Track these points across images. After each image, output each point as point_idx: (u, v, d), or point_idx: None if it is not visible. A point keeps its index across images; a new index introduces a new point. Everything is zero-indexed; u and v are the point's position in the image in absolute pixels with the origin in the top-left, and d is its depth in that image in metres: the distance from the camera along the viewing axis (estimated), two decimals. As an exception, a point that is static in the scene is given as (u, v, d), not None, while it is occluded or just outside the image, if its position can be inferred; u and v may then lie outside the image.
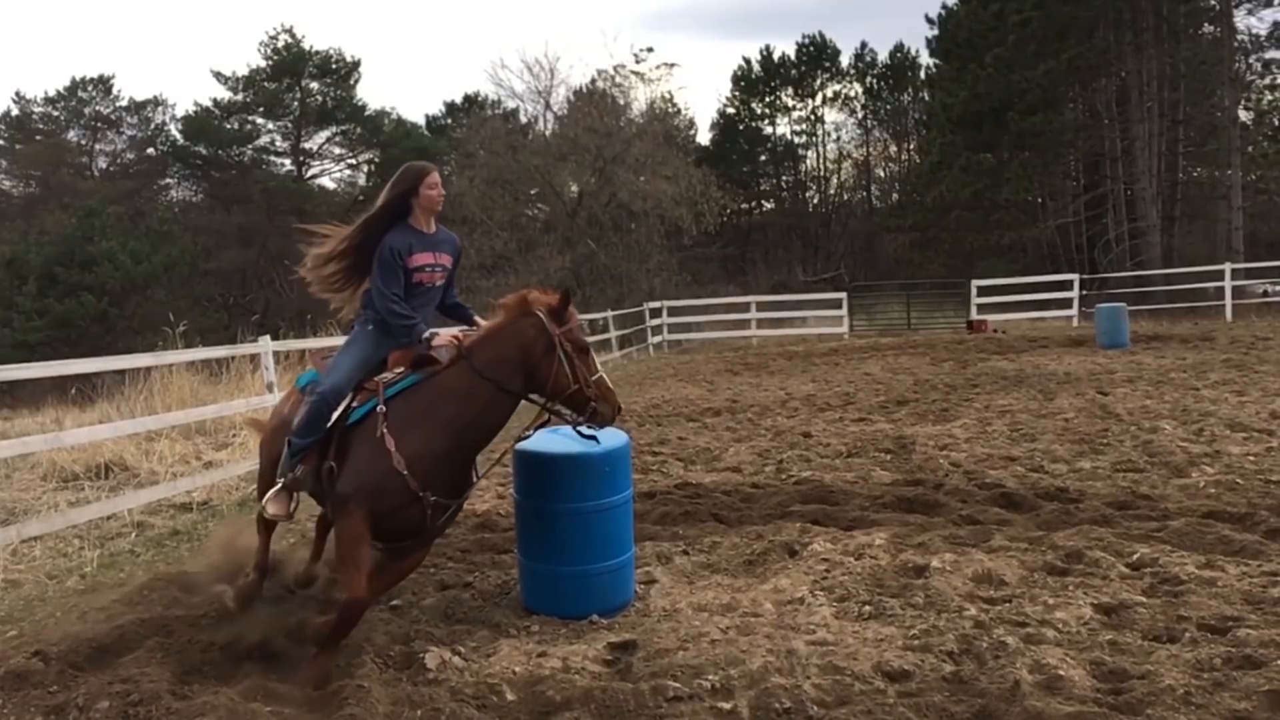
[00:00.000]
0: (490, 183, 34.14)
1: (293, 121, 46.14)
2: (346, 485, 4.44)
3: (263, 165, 46.74)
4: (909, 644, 4.43)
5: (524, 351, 4.53)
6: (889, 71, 53.13)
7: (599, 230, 34.08)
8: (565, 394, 4.56)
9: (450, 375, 4.55)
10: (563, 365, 4.52)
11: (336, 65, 46.11)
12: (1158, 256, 32.85)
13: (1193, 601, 4.72)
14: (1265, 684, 3.76)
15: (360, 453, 4.46)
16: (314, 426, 4.53)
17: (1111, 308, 19.46)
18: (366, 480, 4.40)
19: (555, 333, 4.54)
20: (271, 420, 5.37)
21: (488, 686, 4.19)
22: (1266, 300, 26.89)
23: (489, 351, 4.53)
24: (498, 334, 4.62)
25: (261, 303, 40.81)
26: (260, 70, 45.18)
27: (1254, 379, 12.58)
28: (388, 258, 4.59)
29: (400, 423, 4.43)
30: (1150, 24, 33.84)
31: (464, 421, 4.47)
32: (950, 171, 37.47)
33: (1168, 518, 6.25)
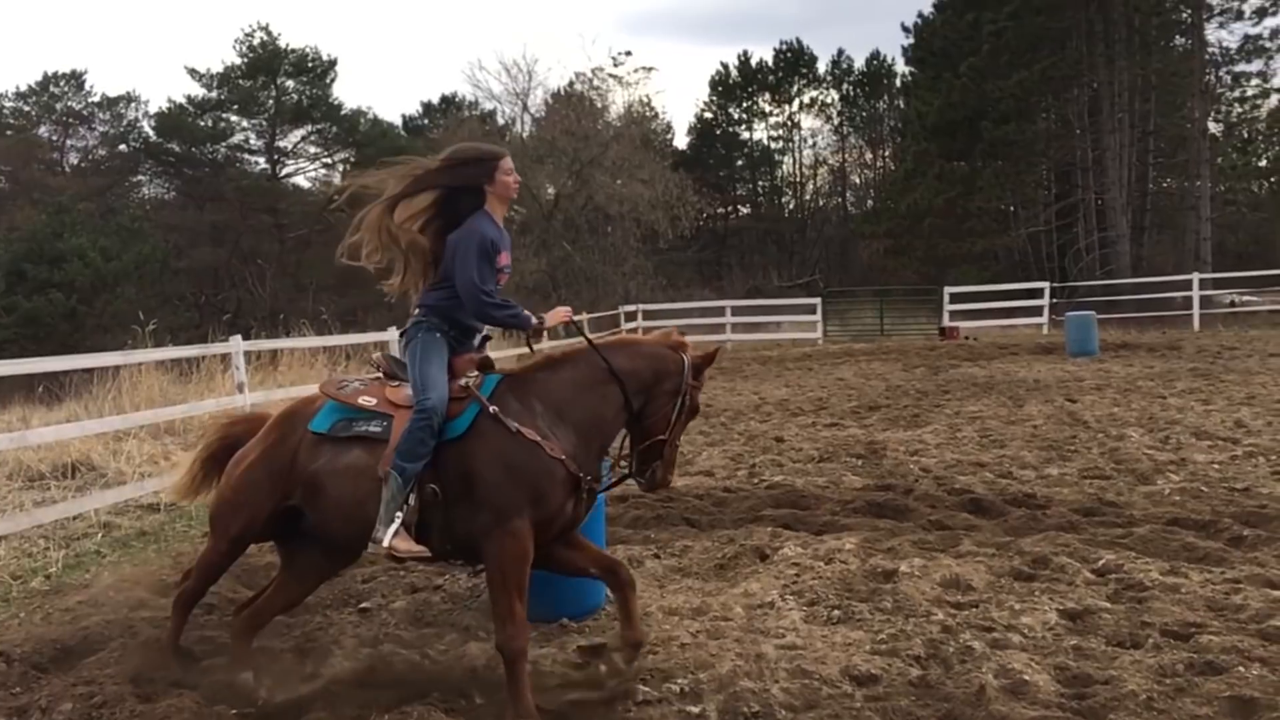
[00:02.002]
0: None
1: (267, 119, 45.80)
2: (504, 496, 3.94)
3: (236, 163, 46.39)
4: (877, 648, 4.46)
5: (656, 377, 4.29)
6: (865, 79, 53.53)
7: (575, 233, 34.09)
8: (650, 439, 4.32)
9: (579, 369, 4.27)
10: (672, 410, 4.30)
11: (313, 64, 45.83)
12: (1127, 266, 33.21)
13: (1156, 608, 4.77)
14: (1226, 690, 3.81)
15: (501, 455, 3.98)
16: (424, 446, 3.95)
17: (1081, 316, 19.68)
18: (529, 478, 3.97)
19: (689, 381, 4.36)
20: (241, 470, 4.36)
21: (457, 690, 4.18)
22: (1233, 310, 27.26)
23: (623, 358, 4.29)
24: (636, 347, 4.43)
25: (233, 302, 40.50)
26: (235, 67, 44.85)
27: (1220, 388, 12.76)
28: (489, 250, 4.13)
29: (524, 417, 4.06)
30: (1122, 36, 34.25)
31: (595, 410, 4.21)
32: (924, 179, 37.82)
33: (1133, 524, 6.33)
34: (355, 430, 4.13)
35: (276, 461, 4.24)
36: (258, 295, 40.48)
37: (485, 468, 3.97)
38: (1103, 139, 34.46)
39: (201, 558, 4.52)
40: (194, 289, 41.99)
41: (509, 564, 3.92)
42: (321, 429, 4.19)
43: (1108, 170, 34.14)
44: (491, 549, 3.94)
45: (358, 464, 4.06)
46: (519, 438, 3.98)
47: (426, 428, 3.94)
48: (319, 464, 4.13)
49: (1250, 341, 19.76)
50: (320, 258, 45.51)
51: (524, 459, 3.97)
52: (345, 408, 4.20)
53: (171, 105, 44.87)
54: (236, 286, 42.44)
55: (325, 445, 4.16)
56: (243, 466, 4.33)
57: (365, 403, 4.18)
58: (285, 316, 27.74)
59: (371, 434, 4.09)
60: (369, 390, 4.25)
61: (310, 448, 4.18)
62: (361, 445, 4.09)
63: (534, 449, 3.98)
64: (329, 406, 4.24)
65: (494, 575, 3.95)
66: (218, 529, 4.40)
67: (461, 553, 4.15)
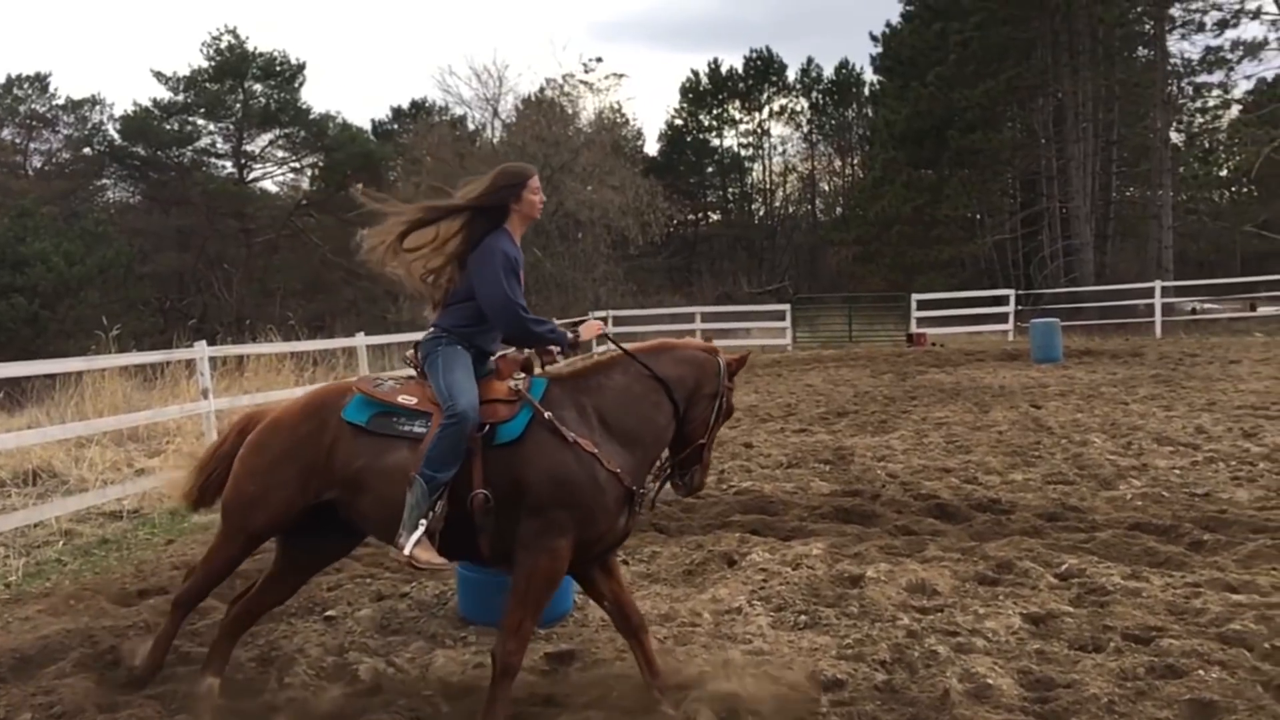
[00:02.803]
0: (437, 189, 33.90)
1: (235, 123, 45.38)
2: (553, 511, 3.82)
3: (203, 167, 45.89)
4: (843, 653, 4.49)
5: (698, 382, 4.23)
6: (834, 87, 53.90)
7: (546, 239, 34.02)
8: (690, 444, 4.25)
9: (628, 375, 4.17)
10: (710, 414, 4.26)
11: (281, 67, 45.47)
12: (1091, 273, 33.65)
13: (1118, 612, 4.83)
14: (1186, 693, 3.86)
15: (557, 467, 3.85)
16: (456, 453, 3.81)
17: (1045, 323, 19.91)
18: (583, 494, 3.84)
19: (725, 384, 4.32)
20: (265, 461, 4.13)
21: (422, 698, 4.17)
22: (1195, 318, 27.69)
23: (669, 365, 4.22)
24: (675, 352, 4.32)
25: (199, 307, 40.07)
26: (202, 71, 44.41)
27: (1181, 394, 12.94)
28: (513, 266, 4.07)
29: (580, 426, 3.96)
30: (1086, 46, 34.73)
31: (649, 419, 4.12)
32: (892, 187, 38.14)
33: (1095, 529, 6.41)
34: (399, 429, 3.98)
35: (309, 455, 4.04)
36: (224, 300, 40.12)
37: (538, 478, 3.84)
38: (1067, 148, 34.91)
39: (209, 555, 4.27)
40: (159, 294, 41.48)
41: (537, 582, 3.83)
42: (359, 420, 4.02)
43: (1072, 179, 34.59)
44: (526, 562, 3.83)
45: (404, 464, 3.88)
46: (576, 449, 3.87)
47: (458, 434, 3.81)
48: (362, 462, 3.96)
49: (1211, 348, 20.07)
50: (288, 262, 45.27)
51: (579, 473, 3.86)
52: (382, 403, 4.05)
53: (137, 108, 44.38)
54: (202, 291, 42.04)
55: (366, 441, 4.00)
56: (266, 458, 4.10)
57: (406, 401, 4.03)
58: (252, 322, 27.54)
59: (415, 434, 3.94)
60: (407, 389, 4.11)
61: (349, 442, 4.00)
62: (407, 445, 3.93)
63: (592, 462, 3.88)
64: (360, 399, 4.09)
65: (519, 587, 3.84)
66: (233, 524, 4.16)
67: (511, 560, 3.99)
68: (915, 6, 40.92)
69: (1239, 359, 17.35)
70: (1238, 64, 35.25)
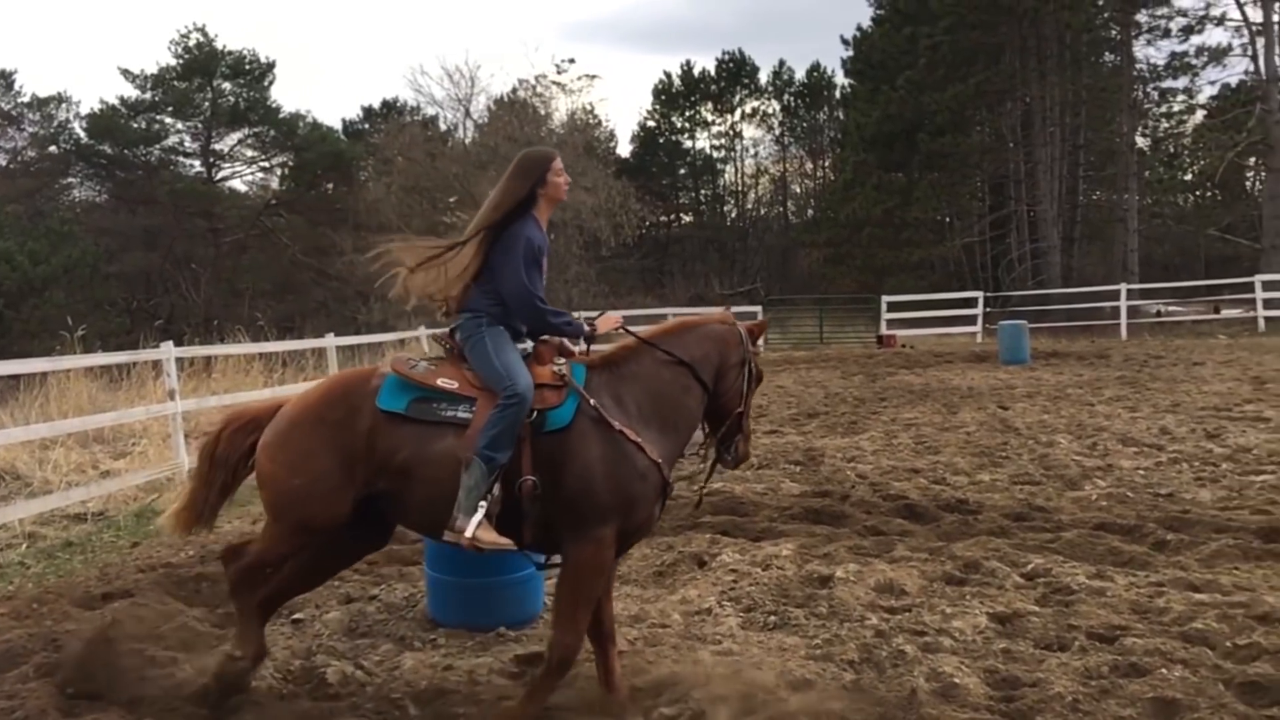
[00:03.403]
0: (408, 190, 33.78)
1: (203, 122, 44.93)
2: (599, 500, 3.78)
3: (171, 166, 45.39)
4: (811, 653, 4.51)
5: (721, 354, 4.23)
6: (806, 90, 54.13)
7: (517, 240, 33.92)
8: (730, 414, 4.25)
9: (657, 362, 4.11)
10: (742, 382, 4.27)
11: (250, 66, 45.08)
12: (1057, 276, 34.01)
13: (1083, 611, 4.88)
14: (1149, 691, 3.91)
15: (604, 457, 3.82)
16: (513, 435, 3.75)
17: (1013, 325, 20.10)
18: (628, 484, 3.82)
19: (749, 349, 4.33)
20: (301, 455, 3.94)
21: (391, 701, 4.14)
22: (1159, 320, 28.05)
23: (693, 346, 4.18)
24: (694, 330, 4.28)
25: (166, 307, 39.61)
26: (170, 69, 43.93)
27: (1146, 396, 13.11)
28: (535, 255, 4.03)
29: (624, 416, 3.92)
30: (1054, 51, 35.12)
31: (681, 404, 4.11)
32: (863, 189, 38.38)
33: (1061, 529, 6.47)
34: (442, 414, 3.87)
35: (346, 443, 3.88)
36: (191, 301, 39.69)
37: (585, 468, 3.80)
38: (1035, 152, 35.28)
39: (265, 548, 4.06)
40: (125, 294, 40.98)
41: (587, 573, 3.82)
42: (397, 407, 3.88)
43: (1039, 183, 34.96)
44: (573, 554, 3.82)
45: (451, 451, 3.79)
46: (622, 439, 3.85)
47: (517, 416, 3.75)
48: (407, 451, 3.84)
49: (1175, 350, 20.33)
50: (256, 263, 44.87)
51: (625, 463, 3.84)
52: (418, 387, 3.92)
53: (104, 106, 43.83)
54: (170, 292, 41.56)
55: (406, 428, 3.87)
56: (297, 451, 3.92)
57: (446, 385, 3.92)
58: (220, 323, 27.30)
59: (460, 420, 3.83)
60: (445, 371, 3.99)
61: (388, 431, 3.87)
62: (453, 431, 3.83)
63: (635, 452, 3.86)
64: (394, 382, 3.94)
65: (568, 580, 3.84)
66: (288, 520, 3.96)
67: (554, 547, 4.00)
68: (885, 10, 41.25)
69: (1203, 361, 17.59)
70: (1202, 70, 35.85)
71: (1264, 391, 12.79)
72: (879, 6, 41.93)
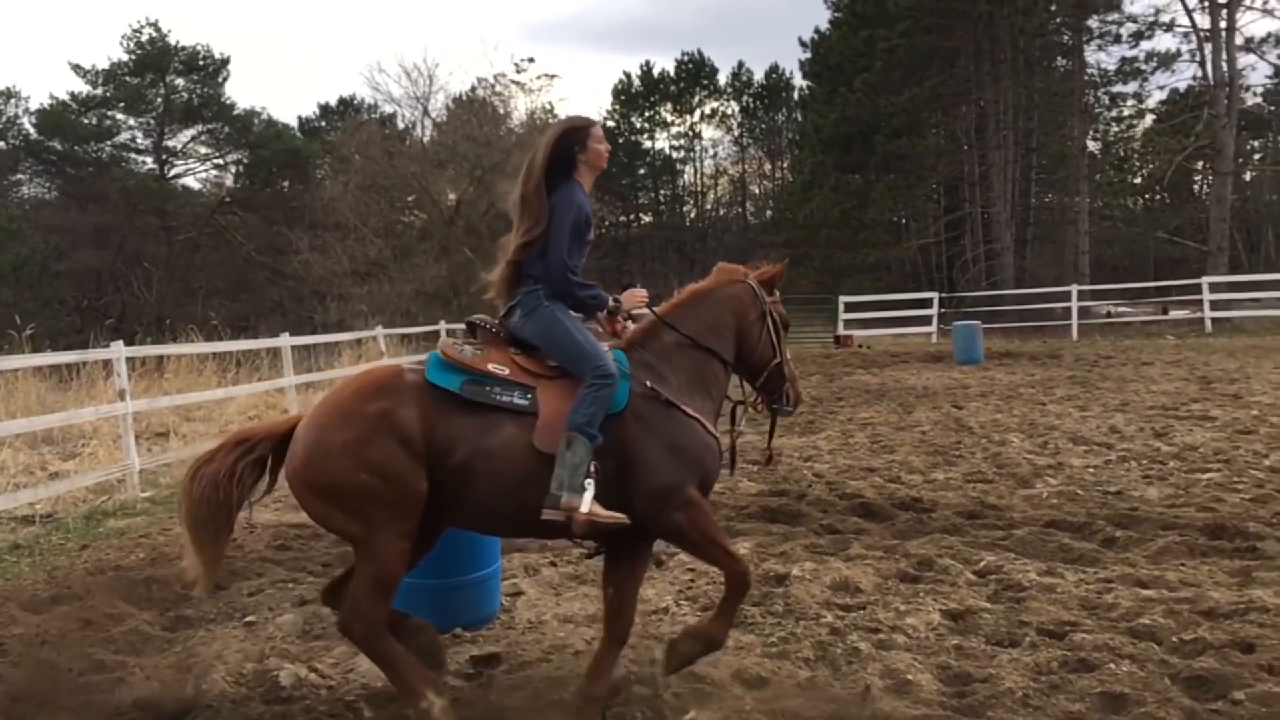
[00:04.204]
0: (365, 188, 33.51)
1: (155, 118, 44.28)
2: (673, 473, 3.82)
3: (122, 163, 44.70)
4: (767, 651, 4.53)
5: (737, 316, 4.28)
6: (764, 91, 54.50)
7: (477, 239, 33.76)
8: (766, 367, 4.34)
9: (673, 338, 4.14)
10: (770, 335, 4.35)
11: (204, 61, 44.49)
12: (1011, 277, 34.49)
13: (1033, 607, 4.94)
14: (1098, 686, 3.96)
15: (666, 434, 3.86)
16: (604, 413, 3.75)
17: (967, 325, 20.37)
18: (694, 455, 3.89)
19: (766, 300, 4.38)
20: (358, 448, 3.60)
21: (345, 704, 4.10)
22: (1109, 321, 28.56)
23: (705, 316, 4.23)
24: (703, 300, 4.31)
25: (117, 306, 39.00)
26: (122, 64, 43.24)
27: (1095, 395, 13.34)
28: (582, 226, 3.97)
29: (676, 393, 3.97)
30: (1007, 56, 35.60)
31: (708, 375, 4.16)
32: (820, 191, 38.65)
33: (1013, 526, 6.56)
34: (498, 399, 3.74)
35: (399, 428, 3.62)
36: (143, 300, 39.07)
37: (653, 448, 3.82)
38: (989, 155, 35.75)
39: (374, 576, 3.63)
40: (75, 293, 40.30)
41: (702, 525, 3.88)
42: (450, 385, 3.71)
43: (993, 185, 35.43)
44: (677, 522, 3.83)
45: (512, 441, 3.69)
46: (678, 414, 3.91)
47: (610, 393, 3.75)
48: (464, 437, 3.67)
49: (1125, 351, 20.71)
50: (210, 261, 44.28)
51: (689, 437, 3.90)
52: (471, 370, 3.77)
53: (54, 102, 43.02)
54: (121, 290, 40.88)
55: (463, 415, 3.70)
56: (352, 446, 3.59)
57: (497, 370, 3.80)
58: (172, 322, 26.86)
59: (517, 407, 3.74)
60: (492, 356, 3.86)
61: (442, 413, 3.68)
62: (510, 419, 3.73)
63: (694, 425, 3.94)
64: (440, 362, 3.78)
65: (694, 540, 3.91)
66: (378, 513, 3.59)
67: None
68: (843, 13, 41.56)
69: (1151, 361, 17.93)
70: (1151, 75, 36.59)
71: (1210, 391, 13.07)
72: (836, 9, 42.25)
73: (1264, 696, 3.77)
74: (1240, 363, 16.75)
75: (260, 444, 3.83)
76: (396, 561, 3.64)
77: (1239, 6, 31.42)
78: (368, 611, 3.61)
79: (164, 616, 5.36)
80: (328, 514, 3.68)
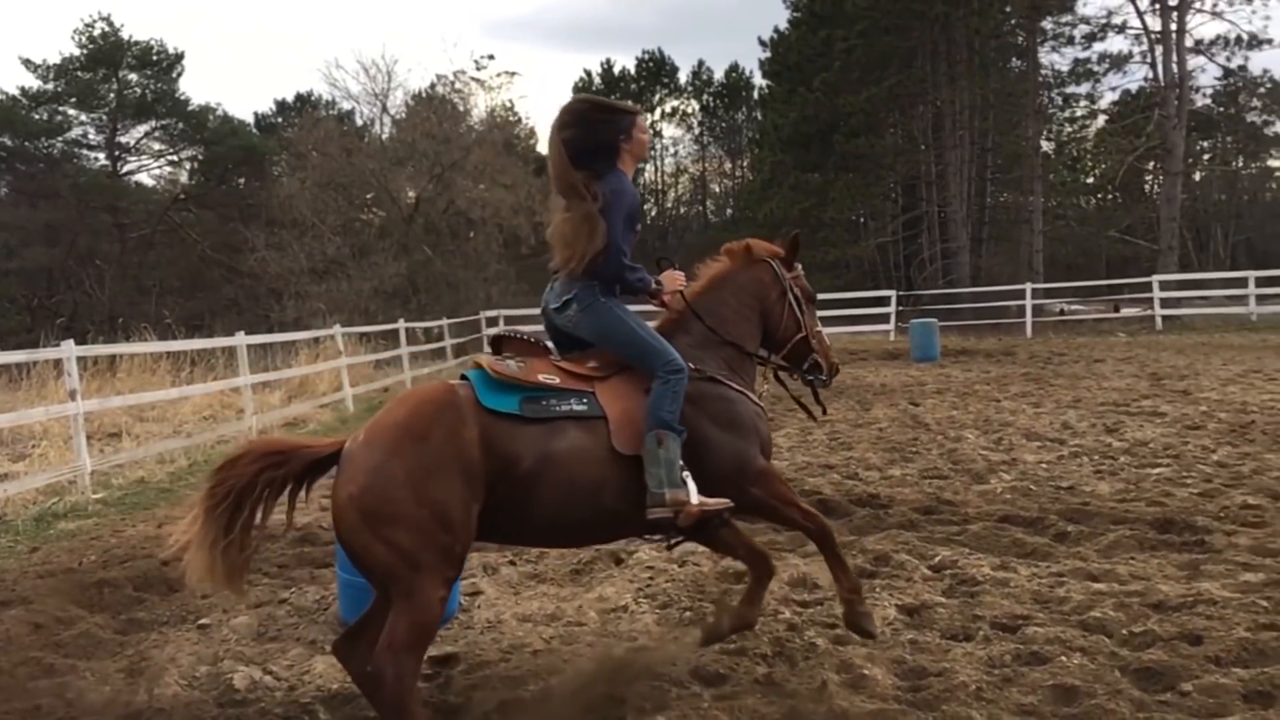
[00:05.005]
0: (323, 185, 33.16)
1: (108, 114, 43.45)
2: (743, 445, 4.00)
3: (74, 159, 43.78)
4: (725, 648, 4.55)
5: (758, 297, 4.39)
6: (725, 90, 54.69)
7: (436, 237, 33.58)
8: (792, 341, 4.47)
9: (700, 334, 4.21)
10: (793, 310, 4.45)
11: (158, 56, 43.72)
12: (967, 276, 34.89)
13: (987, 601, 5.00)
14: (1050, 679, 4.01)
15: (720, 409, 3.99)
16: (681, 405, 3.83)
17: (924, 323, 20.58)
18: (752, 424, 4.08)
19: (786, 277, 4.47)
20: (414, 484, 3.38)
21: (300, 706, 4.07)
22: (1062, 319, 28.98)
23: (729, 299, 4.33)
24: (722, 285, 4.38)
25: (69, 305, 38.27)
26: (74, 59, 42.37)
27: (1049, 391, 13.53)
28: (635, 215, 3.99)
29: (723, 372, 4.12)
30: (963, 56, 36.00)
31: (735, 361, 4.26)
32: (780, 190, 38.85)
33: (967, 522, 6.63)
34: (558, 410, 3.68)
35: (462, 457, 3.46)
36: (96, 298, 38.37)
37: (710, 427, 3.94)
38: (945, 154, 36.14)
39: (412, 622, 3.37)
40: (25, 291, 39.46)
41: (778, 492, 4.07)
42: (510, 408, 3.60)
43: (950, 184, 35.81)
44: (756, 496, 4.00)
45: (581, 445, 3.66)
46: (725, 389, 4.05)
47: (683, 383, 3.84)
48: (530, 453, 3.58)
49: (1077, 348, 21.03)
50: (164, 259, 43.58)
51: (740, 410, 4.04)
52: (522, 386, 3.68)
53: (4, 97, 42.00)
54: (73, 289, 40.09)
55: (523, 429, 3.60)
56: (416, 476, 3.39)
57: (547, 380, 3.74)
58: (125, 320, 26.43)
59: (578, 413, 3.71)
60: (537, 367, 3.79)
61: (504, 434, 3.56)
62: (576, 425, 3.69)
63: (741, 398, 4.08)
64: (490, 381, 3.66)
65: (773, 507, 4.10)
66: (428, 558, 3.37)
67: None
68: (802, 13, 41.80)
69: (1103, 358, 18.23)
70: (1104, 76, 37.20)
71: (1160, 387, 13.31)
72: (795, 9, 42.49)
73: (1211, 688, 3.83)
74: (1189, 360, 17.09)
75: (291, 462, 3.56)
76: (438, 608, 3.43)
77: (1189, 9, 32.03)
78: (404, 660, 3.35)
79: (116, 619, 5.28)
80: (371, 547, 3.36)
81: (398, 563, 3.35)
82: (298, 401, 15.24)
